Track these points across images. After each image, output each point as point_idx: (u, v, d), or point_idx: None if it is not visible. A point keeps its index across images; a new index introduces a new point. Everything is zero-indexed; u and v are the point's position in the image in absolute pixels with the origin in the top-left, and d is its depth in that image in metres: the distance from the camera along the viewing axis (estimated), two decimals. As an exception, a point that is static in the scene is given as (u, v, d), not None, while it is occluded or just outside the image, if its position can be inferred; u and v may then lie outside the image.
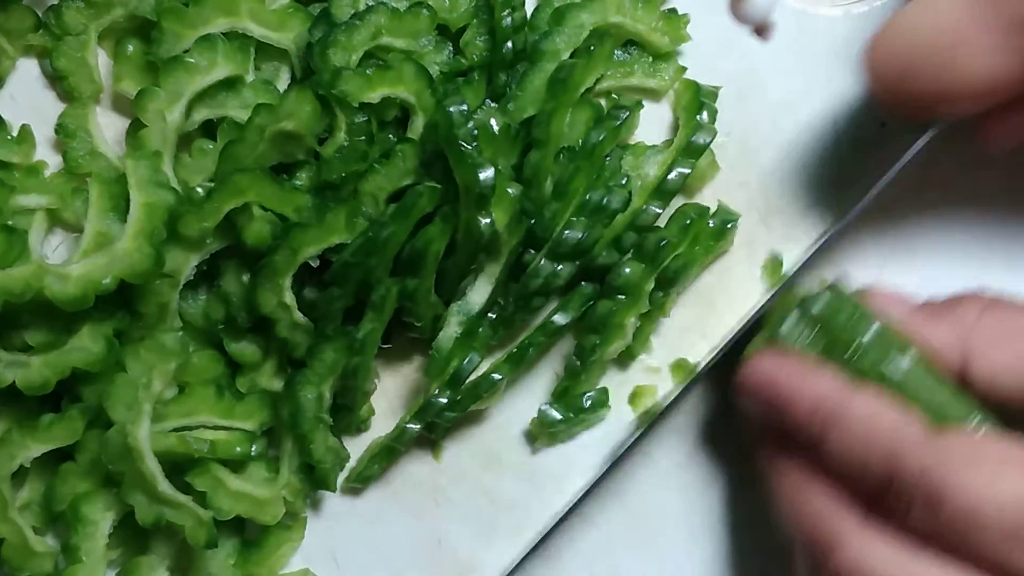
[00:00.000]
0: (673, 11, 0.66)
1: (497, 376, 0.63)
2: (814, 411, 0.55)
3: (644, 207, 0.64)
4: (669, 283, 0.64)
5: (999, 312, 0.56)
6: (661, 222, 0.65)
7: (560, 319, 0.64)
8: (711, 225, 0.65)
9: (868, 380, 0.56)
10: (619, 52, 0.66)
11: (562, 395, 0.65)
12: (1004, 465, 0.50)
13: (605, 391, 0.65)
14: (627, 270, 0.63)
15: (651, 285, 0.63)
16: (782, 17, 0.66)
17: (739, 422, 0.63)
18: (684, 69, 0.67)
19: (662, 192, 0.64)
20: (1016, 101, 0.56)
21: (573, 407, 0.65)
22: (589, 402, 0.65)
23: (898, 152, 0.64)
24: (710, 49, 0.67)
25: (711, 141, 0.65)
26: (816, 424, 0.55)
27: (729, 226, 0.65)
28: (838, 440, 0.54)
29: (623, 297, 0.63)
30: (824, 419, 0.55)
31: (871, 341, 0.57)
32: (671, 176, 0.64)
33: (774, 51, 0.67)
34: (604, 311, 0.63)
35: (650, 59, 0.67)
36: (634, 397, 0.66)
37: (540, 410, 0.65)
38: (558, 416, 0.65)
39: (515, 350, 0.64)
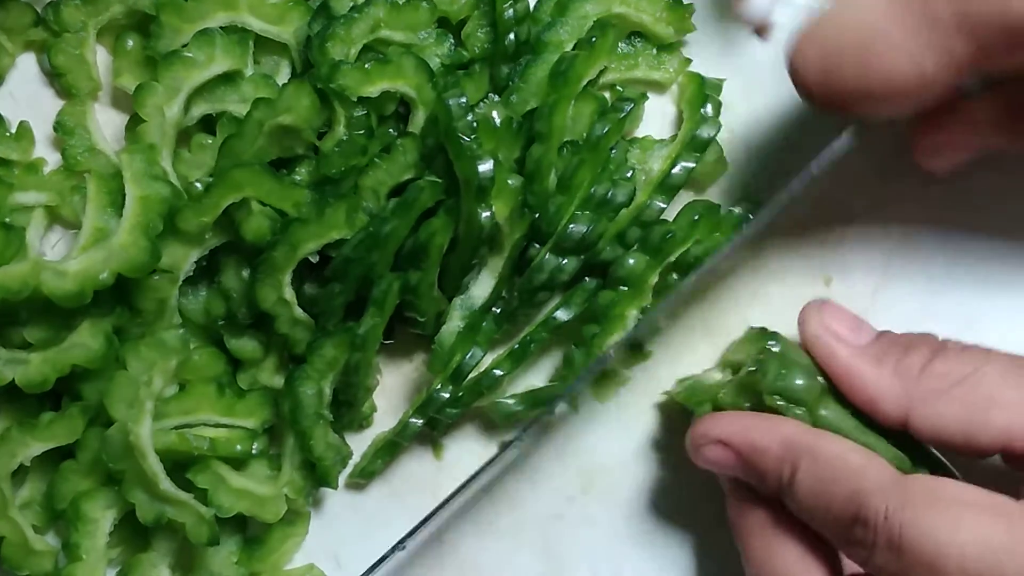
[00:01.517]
0: (678, 2, 0.66)
1: (499, 372, 0.63)
2: (784, 452, 0.55)
3: (648, 202, 0.63)
4: (687, 269, 0.64)
5: (945, 361, 0.55)
6: (667, 217, 0.65)
7: (562, 315, 0.64)
8: (734, 212, 0.64)
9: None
10: (623, 44, 0.66)
11: (561, 380, 0.65)
12: (967, 510, 0.50)
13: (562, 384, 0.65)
14: (631, 261, 0.62)
15: (655, 278, 0.63)
16: (787, 13, 0.66)
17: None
18: (689, 61, 0.66)
19: (666, 187, 0.63)
20: (941, 116, 0.57)
21: (526, 400, 0.65)
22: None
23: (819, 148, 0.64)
24: (714, 45, 0.67)
25: (716, 134, 0.64)
26: (787, 464, 0.55)
27: (752, 216, 0.65)
28: (806, 478, 0.54)
29: (625, 288, 0.63)
30: (795, 458, 0.54)
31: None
32: (675, 170, 0.64)
33: (779, 47, 0.66)
34: (605, 301, 0.63)
35: (654, 51, 0.66)
36: (600, 384, 0.66)
37: (496, 403, 0.65)
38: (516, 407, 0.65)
39: (517, 346, 0.63)
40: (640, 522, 0.66)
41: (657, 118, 0.67)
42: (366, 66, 0.61)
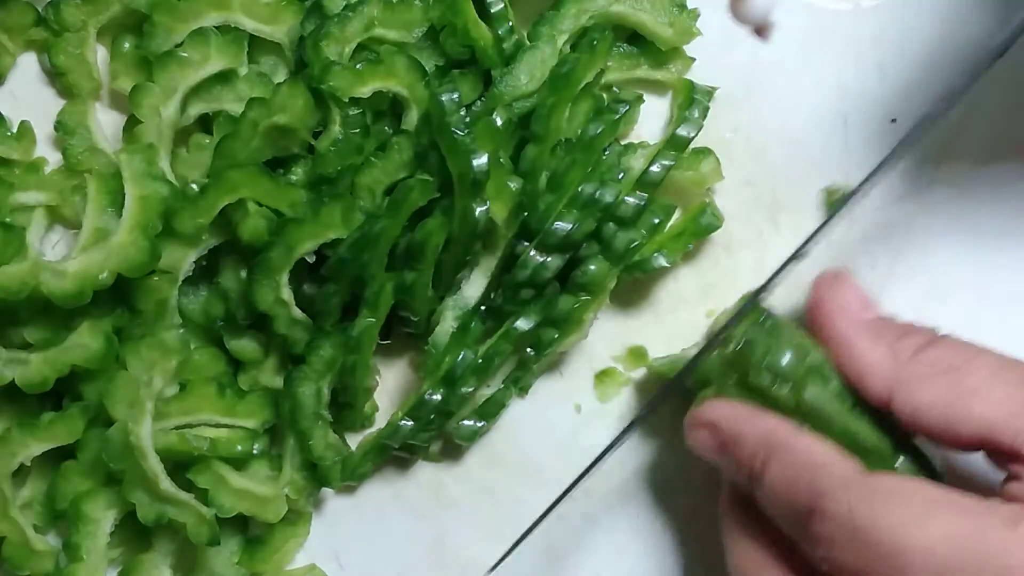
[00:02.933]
0: (682, 6, 0.65)
1: (466, 390, 0.63)
2: (759, 444, 0.55)
3: (623, 198, 0.63)
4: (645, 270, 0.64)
5: (939, 349, 0.55)
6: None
7: (523, 324, 0.63)
8: (700, 223, 0.64)
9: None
10: (626, 46, 0.66)
11: (514, 383, 0.65)
12: (933, 505, 0.49)
13: (508, 390, 0.65)
14: (592, 268, 0.62)
15: (614, 282, 0.63)
16: (791, 12, 0.66)
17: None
18: (691, 60, 0.66)
19: (644, 183, 0.63)
20: None
21: (484, 413, 0.65)
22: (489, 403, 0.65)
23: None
24: (717, 45, 0.66)
25: (696, 135, 0.64)
26: (759, 456, 0.55)
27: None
28: (774, 471, 0.54)
29: (586, 295, 0.63)
30: (767, 451, 0.54)
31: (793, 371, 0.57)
32: (654, 168, 0.63)
33: (782, 47, 0.66)
34: (566, 307, 0.62)
35: (658, 52, 0.66)
36: (602, 384, 0.66)
37: (458, 426, 0.64)
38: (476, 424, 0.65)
39: (481, 361, 0.63)
40: (642, 522, 0.66)
41: (657, 121, 0.67)
42: (357, 67, 0.61)
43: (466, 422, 0.64)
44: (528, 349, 0.64)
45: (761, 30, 0.51)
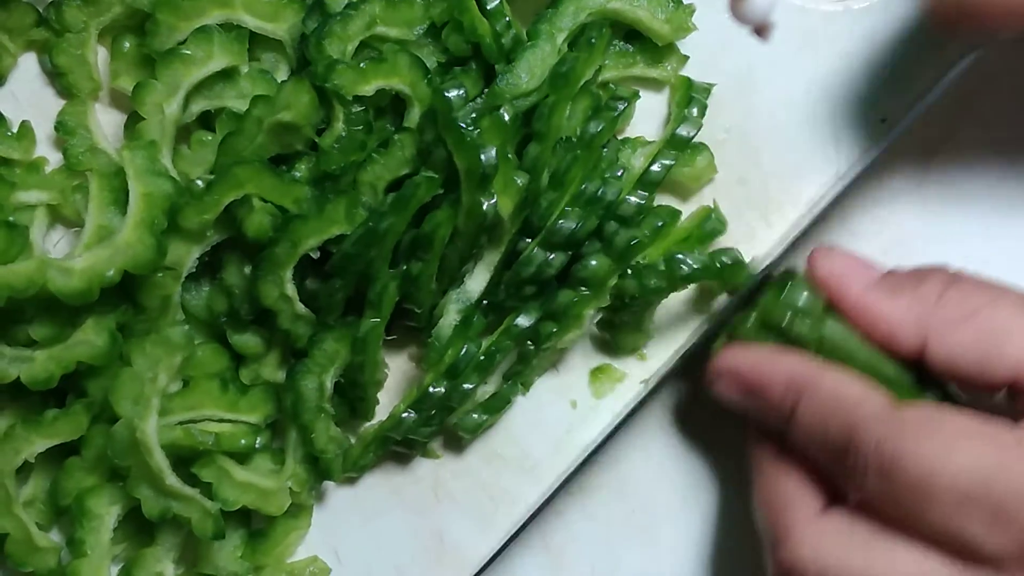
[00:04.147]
0: (678, 2, 0.66)
1: (468, 386, 0.63)
2: (788, 386, 0.56)
3: (625, 197, 0.64)
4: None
5: (960, 291, 0.55)
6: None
7: (524, 321, 0.63)
8: (705, 228, 0.65)
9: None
10: (622, 43, 0.67)
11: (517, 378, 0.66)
12: (960, 436, 0.51)
13: (514, 387, 0.66)
14: (593, 263, 0.63)
15: (615, 280, 0.63)
16: (783, 14, 0.66)
17: (736, 417, 0.63)
18: (686, 58, 0.66)
19: (645, 183, 0.64)
20: None
21: (489, 408, 0.65)
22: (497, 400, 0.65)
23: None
24: (711, 45, 0.67)
25: (696, 134, 0.64)
26: (789, 398, 0.56)
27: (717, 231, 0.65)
28: (805, 410, 0.55)
29: (585, 290, 0.63)
30: (797, 391, 0.55)
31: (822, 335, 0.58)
32: (655, 168, 0.64)
33: (775, 48, 0.66)
34: (565, 301, 0.63)
35: (653, 49, 0.66)
36: (597, 381, 0.67)
37: (462, 419, 0.65)
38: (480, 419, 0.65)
39: (483, 358, 0.63)
40: (639, 518, 0.66)
41: (652, 118, 0.67)
42: (361, 65, 0.61)
43: (472, 415, 0.65)
44: (528, 343, 0.64)
45: (761, 30, 0.52)
